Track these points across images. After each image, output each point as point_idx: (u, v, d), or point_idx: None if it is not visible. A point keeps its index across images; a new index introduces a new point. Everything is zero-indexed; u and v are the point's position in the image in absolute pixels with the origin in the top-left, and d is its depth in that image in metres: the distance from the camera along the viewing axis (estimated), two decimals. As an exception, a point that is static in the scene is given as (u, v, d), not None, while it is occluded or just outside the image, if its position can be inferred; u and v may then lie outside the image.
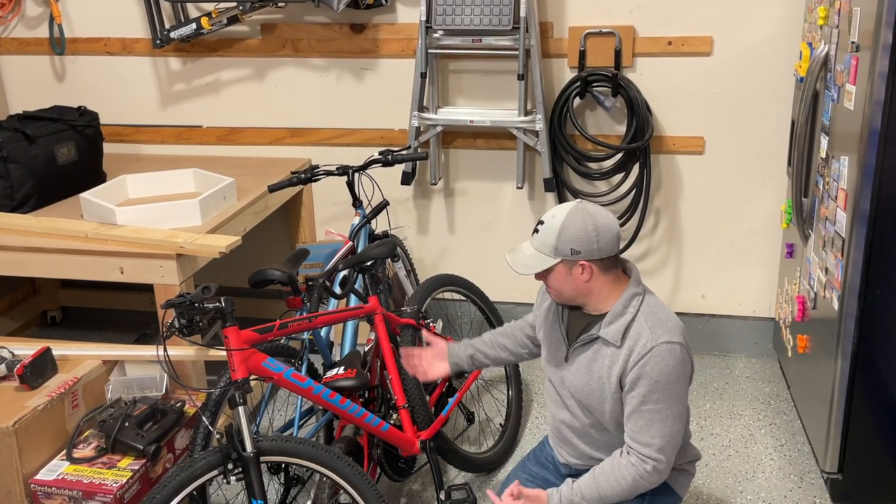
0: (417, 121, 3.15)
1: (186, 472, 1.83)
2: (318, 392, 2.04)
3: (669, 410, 1.76)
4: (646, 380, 1.74)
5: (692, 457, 1.99)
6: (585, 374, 1.86)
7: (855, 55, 2.19)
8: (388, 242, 2.43)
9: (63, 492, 2.09)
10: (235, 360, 1.88)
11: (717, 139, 3.17)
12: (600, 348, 1.83)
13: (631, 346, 1.77)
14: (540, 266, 1.79)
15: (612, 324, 1.81)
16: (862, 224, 2.21)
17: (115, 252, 2.50)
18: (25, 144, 2.82)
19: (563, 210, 1.80)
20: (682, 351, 1.76)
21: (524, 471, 2.12)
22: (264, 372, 1.95)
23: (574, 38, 3.12)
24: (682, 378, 1.77)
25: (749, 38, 3.03)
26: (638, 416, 1.77)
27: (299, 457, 1.93)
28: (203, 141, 3.56)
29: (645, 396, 1.75)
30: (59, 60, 3.56)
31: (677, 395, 1.77)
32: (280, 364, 1.98)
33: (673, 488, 1.93)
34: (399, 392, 2.31)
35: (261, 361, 1.94)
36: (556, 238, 1.77)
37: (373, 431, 2.18)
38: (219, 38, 3.39)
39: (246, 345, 1.91)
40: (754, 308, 3.35)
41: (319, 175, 2.76)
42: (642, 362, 1.74)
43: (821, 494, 2.53)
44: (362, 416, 2.13)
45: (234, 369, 1.88)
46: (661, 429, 1.76)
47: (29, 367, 2.25)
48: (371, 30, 3.26)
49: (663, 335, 1.75)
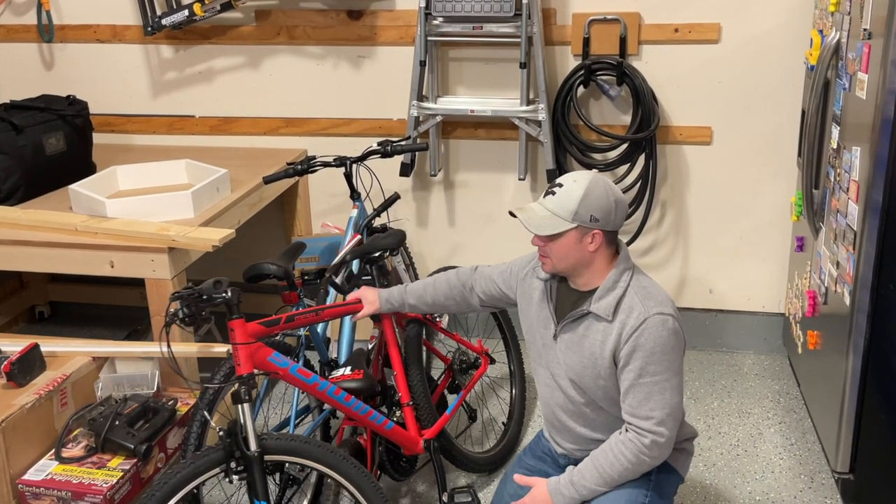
0: (417, 110, 3.15)
1: (188, 469, 1.81)
2: (323, 388, 2.02)
3: (668, 382, 1.77)
4: (641, 352, 1.76)
5: (688, 434, 1.99)
6: (577, 352, 1.87)
7: (867, 42, 2.18)
8: (397, 233, 2.43)
9: (52, 492, 2.08)
10: (241, 355, 1.85)
11: (725, 129, 3.16)
12: (591, 324, 1.84)
13: (623, 320, 1.79)
14: (555, 228, 1.79)
15: (602, 298, 1.82)
16: (874, 216, 2.20)
17: (105, 245, 2.49)
18: (13, 134, 2.81)
19: (585, 176, 1.81)
20: (675, 322, 1.78)
21: (521, 466, 2.13)
22: (270, 367, 1.93)
23: (578, 25, 3.11)
24: (677, 348, 1.79)
25: (758, 26, 3.02)
26: (636, 390, 1.78)
27: (304, 457, 1.90)
28: (196, 131, 3.55)
29: (642, 369, 1.76)
30: (47, 48, 3.56)
31: (674, 367, 1.78)
32: (286, 359, 1.96)
33: (674, 468, 1.94)
34: (404, 389, 2.30)
35: (267, 356, 1.92)
36: (579, 203, 1.78)
37: (377, 430, 2.16)
38: (212, 26, 3.38)
39: (252, 338, 1.88)
40: (763, 303, 3.34)
41: (316, 166, 2.75)
42: (636, 334, 1.76)
43: (832, 495, 2.52)
44: (367, 413, 2.11)
45: (240, 364, 1.85)
46: (660, 401, 1.77)
47: (16, 364, 2.23)
48: (368, 16, 3.25)
49: (655, 307, 1.78)
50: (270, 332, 1.94)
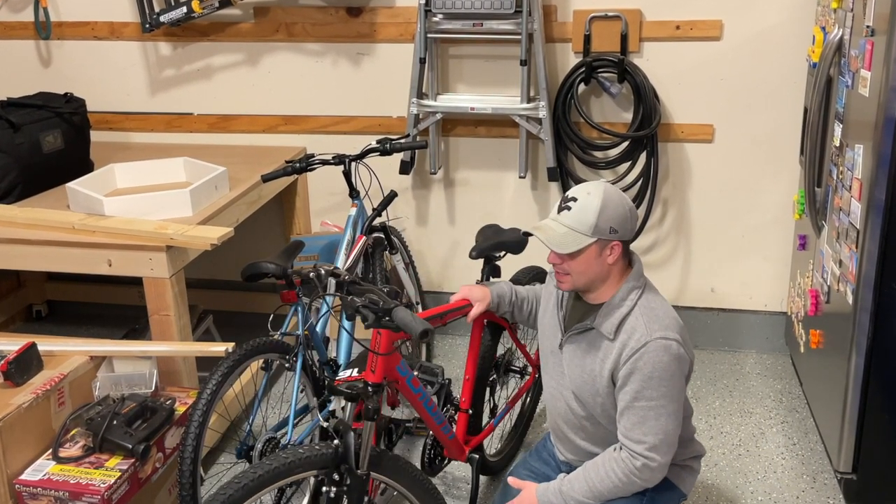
0: (416, 108, 3.14)
1: (287, 461, 1.73)
2: (422, 399, 2.05)
3: (663, 408, 1.74)
4: (638, 375, 1.73)
5: (695, 453, 1.97)
6: (578, 366, 1.86)
7: (870, 39, 2.17)
8: (515, 230, 2.39)
9: (49, 492, 2.06)
10: (380, 363, 1.84)
11: (726, 127, 3.15)
12: (594, 340, 1.82)
13: (625, 341, 1.76)
14: (578, 244, 1.75)
15: (607, 315, 1.80)
16: (877, 215, 2.19)
17: (103, 244, 2.48)
18: (10, 132, 2.80)
19: (598, 187, 1.78)
20: (679, 347, 1.74)
21: (525, 467, 2.12)
22: (395, 376, 1.93)
23: (579, 22, 3.09)
24: (677, 375, 1.75)
25: (760, 22, 3.01)
26: (630, 412, 1.76)
27: (400, 481, 1.88)
28: (194, 129, 3.54)
29: (637, 392, 1.74)
30: (44, 45, 3.55)
31: (672, 393, 1.74)
32: (407, 368, 1.95)
33: (676, 485, 1.92)
34: (468, 395, 2.29)
35: (396, 363, 1.91)
36: (597, 215, 1.74)
37: (441, 438, 2.19)
38: (210, 22, 3.38)
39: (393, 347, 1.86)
40: (765, 302, 3.33)
41: (315, 164, 2.75)
42: (635, 357, 1.73)
43: (834, 495, 2.52)
44: (442, 423, 2.14)
45: (374, 371, 1.83)
46: (653, 426, 1.74)
47: (13, 364, 2.21)
48: (368, 13, 3.24)
49: (658, 330, 1.74)
50: (407, 337, 1.88)
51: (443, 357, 3.36)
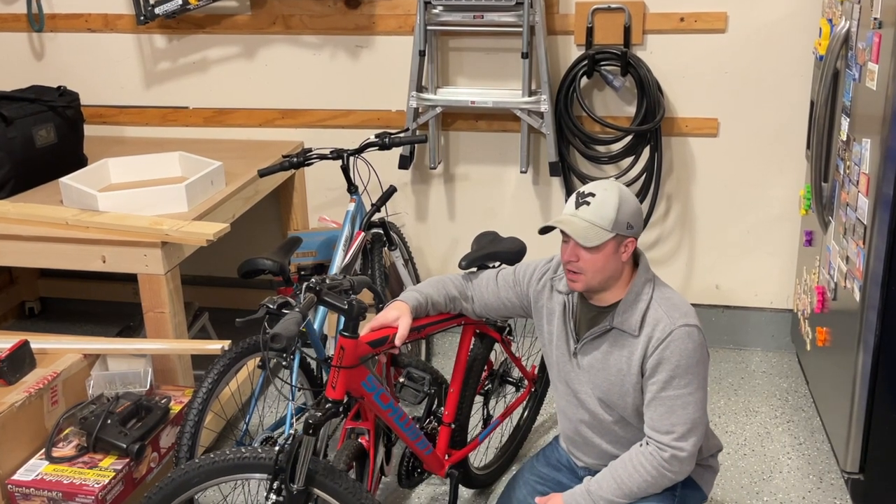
0: (416, 101, 3.13)
1: (239, 458, 1.73)
2: (393, 415, 2.00)
3: (690, 396, 1.75)
4: (666, 364, 1.75)
5: (714, 448, 1.97)
6: (602, 370, 1.84)
7: (878, 32, 2.17)
8: (515, 239, 2.34)
9: (42, 493, 2.07)
10: (341, 377, 1.78)
11: (731, 121, 3.14)
12: (615, 340, 1.82)
13: (650, 333, 1.78)
14: (599, 238, 1.75)
15: (626, 313, 1.80)
16: (885, 210, 2.18)
17: (97, 240, 2.49)
18: (2, 126, 2.79)
19: (613, 184, 1.80)
20: (700, 334, 1.77)
21: (532, 472, 2.09)
22: (361, 391, 1.88)
23: (581, 14, 3.08)
24: (702, 361, 1.78)
25: (766, 15, 3.00)
26: (658, 403, 1.77)
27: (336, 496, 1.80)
28: (189, 122, 3.53)
29: (666, 382, 1.75)
30: (37, 38, 3.54)
31: (698, 380, 1.77)
32: (375, 383, 1.90)
33: (699, 485, 1.91)
34: (452, 408, 2.26)
35: (362, 379, 1.86)
36: (617, 211, 1.75)
37: (417, 452, 2.15)
38: (206, 15, 3.36)
39: (358, 360, 1.81)
40: (771, 299, 3.33)
41: (312, 159, 2.75)
42: (662, 346, 1.75)
43: (841, 495, 2.51)
44: (417, 438, 2.10)
45: (334, 386, 1.77)
46: (682, 415, 1.75)
47: (5, 362, 2.22)
48: (367, 5, 3.23)
49: (680, 318, 1.76)
50: (377, 352, 1.83)
51: (443, 356, 3.34)
